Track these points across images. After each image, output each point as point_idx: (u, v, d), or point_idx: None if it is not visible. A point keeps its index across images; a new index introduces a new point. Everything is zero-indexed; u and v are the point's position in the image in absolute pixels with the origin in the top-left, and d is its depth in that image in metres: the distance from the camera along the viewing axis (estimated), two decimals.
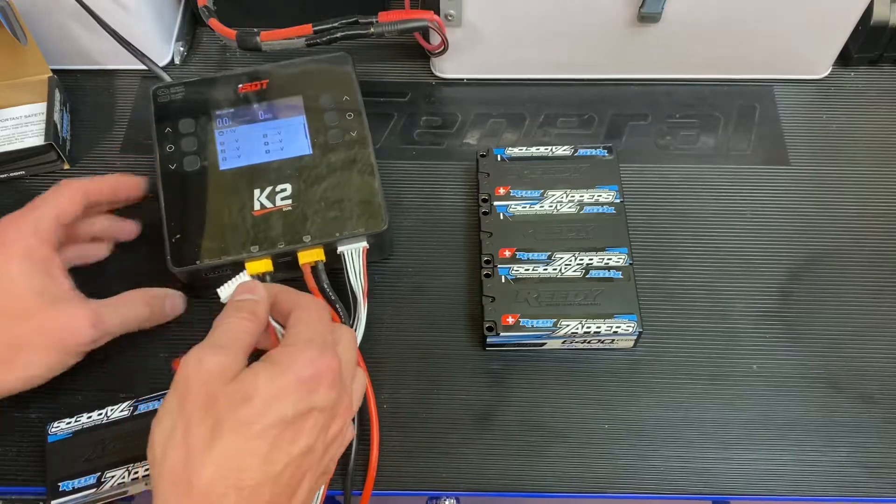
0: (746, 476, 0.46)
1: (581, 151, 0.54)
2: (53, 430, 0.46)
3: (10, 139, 0.56)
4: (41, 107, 0.57)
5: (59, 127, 0.56)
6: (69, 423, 0.46)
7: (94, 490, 0.44)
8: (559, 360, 0.50)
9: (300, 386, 0.36)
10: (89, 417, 0.46)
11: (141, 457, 0.44)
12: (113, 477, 0.44)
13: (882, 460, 0.47)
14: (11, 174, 0.56)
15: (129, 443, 0.45)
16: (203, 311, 0.51)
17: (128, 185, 0.50)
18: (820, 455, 0.47)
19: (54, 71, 0.58)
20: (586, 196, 0.52)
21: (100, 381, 0.49)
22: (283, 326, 0.40)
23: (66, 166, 0.57)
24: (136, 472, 0.44)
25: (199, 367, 0.35)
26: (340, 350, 0.39)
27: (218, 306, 0.41)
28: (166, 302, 0.49)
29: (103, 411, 0.47)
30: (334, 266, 0.49)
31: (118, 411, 0.47)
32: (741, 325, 0.51)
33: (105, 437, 0.46)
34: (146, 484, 0.44)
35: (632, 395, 0.49)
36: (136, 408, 0.47)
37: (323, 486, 0.43)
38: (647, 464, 0.47)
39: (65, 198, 0.46)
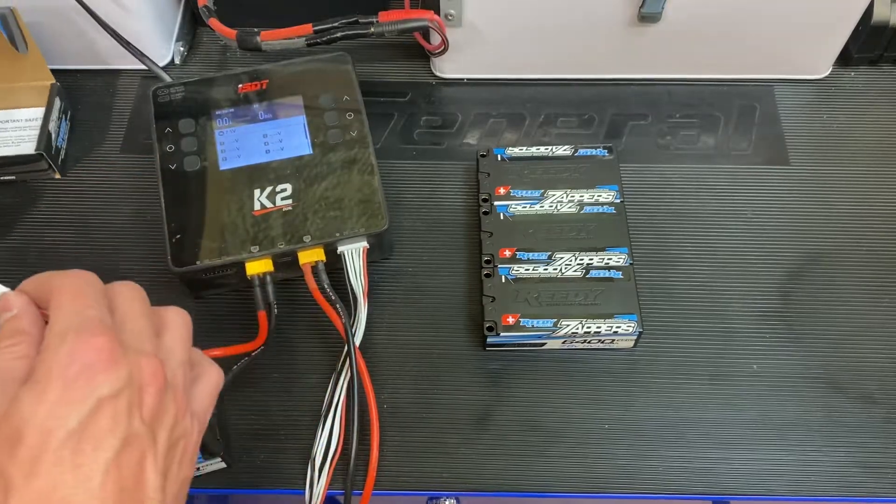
0: (746, 476, 0.46)
1: (581, 151, 0.54)
2: None
3: (8, 142, 0.56)
4: (42, 111, 0.57)
5: (54, 136, 0.56)
6: None
7: None
8: (559, 361, 0.50)
9: (70, 388, 0.30)
10: None
11: None
12: None
13: (882, 460, 0.47)
14: (2, 178, 0.56)
15: None
16: (203, 311, 0.51)
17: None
18: (820, 455, 0.47)
19: (54, 71, 0.58)
20: (586, 196, 0.52)
21: None
22: None
23: (57, 176, 0.57)
24: None
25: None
26: (121, 313, 0.34)
27: (219, 306, 0.41)
28: None
29: None
30: (334, 266, 0.49)
31: None
32: (741, 325, 0.51)
33: None
34: None
35: (632, 395, 0.49)
36: None
37: (196, 445, 0.36)
38: (646, 464, 0.47)
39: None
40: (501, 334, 0.48)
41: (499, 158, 0.54)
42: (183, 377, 0.35)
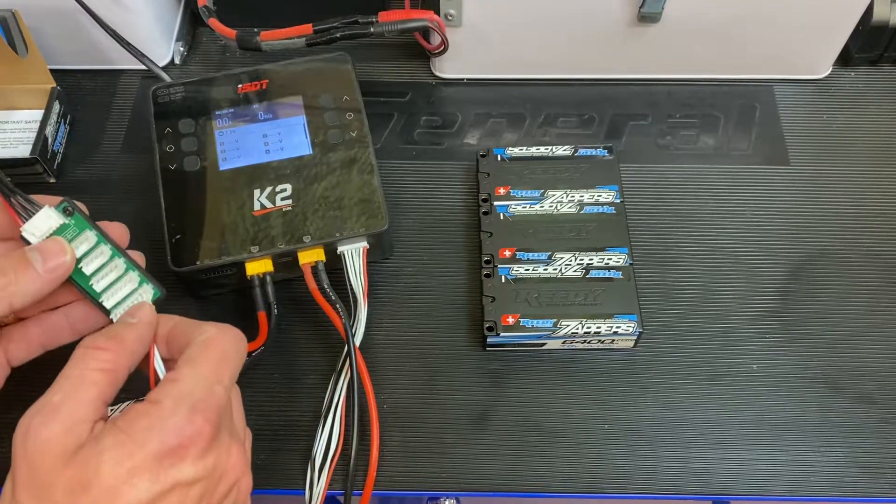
0: (744, 476, 0.46)
1: (581, 151, 0.54)
2: None
3: (6, 143, 0.56)
4: (41, 113, 0.57)
5: (50, 140, 0.56)
6: None
7: None
8: (559, 361, 0.50)
9: (157, 463, 0.29)
10: None
11: None
12: None
13: (880, 460, 0.47)
14: None
15: None
16: (203, 311, 0.51)
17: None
18: (818, 455, 0.47)
19: (54, 71, 0.58)
20: (586, 196, 0.52)
21: None
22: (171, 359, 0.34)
23: (52, 181, 0.57)
24: None
25: (26, 441, 0.28)
26: (227, 399, 0.32)
27: (219, 307, 0.41)
28: None
29: None
30: (334, 266, 0.49)
31: (117, 413, 0.46)
32: (740, 325, 0.51)
33: None
34: None
35: (631, 396, 0.49)
36: None
37: None
38: (645, 464, 0.47)
39: None
40: (501, 334, 0.48)
41: (499, 158, 0.54)
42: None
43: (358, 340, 0.48)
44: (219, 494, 0.32)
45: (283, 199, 0.49)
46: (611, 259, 0.50)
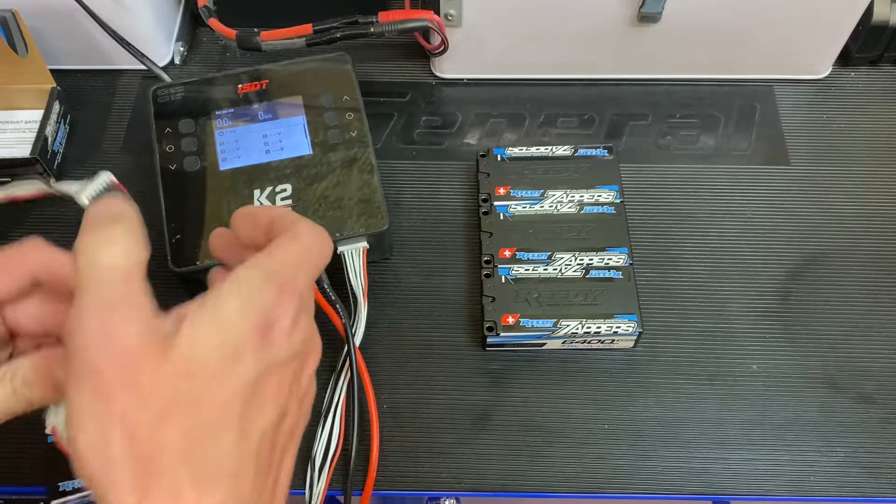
0: (745, 476, 0.46)
1: (581, 151, 0.54)
2: None
3: (6, 143, 0.56)
4: (41, 113, 0.57)
5: (50, 140, 0.56)
6: None
7: None
8: (559, 361, 0.50)
9: (253, 340, 0.27)
10: None
11: None
12: None
13: (880, 460, 0.47)
14: None
15: None
16: None
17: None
18: (818, 455, 0.47)
19: (54, 71, 0.58)
20: (586, 196, 0.52)
21: None
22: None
23: (52, 181, 0.57)
24: None
25: (110, 345, 0.25)
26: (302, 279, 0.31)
27: None
28: None
29: None
30: (334, 266, 0.49)
31: None
32: (740, 325, 0.51)
33: None
34: None
35: (631, 396, 0.49)
36: None
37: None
38: (645, 464, 0.47)
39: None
40: (501, 334, 0.48)
41: (499, 158, 0.54)
42: None
43: (358, 340, 0.48)
44: (304, 383, 0.31)
45: (283, 198, 0.49)
46: (611, 259, 0.50)
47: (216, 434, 0.26)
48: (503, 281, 0.49)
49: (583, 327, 0.47)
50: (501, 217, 0.52)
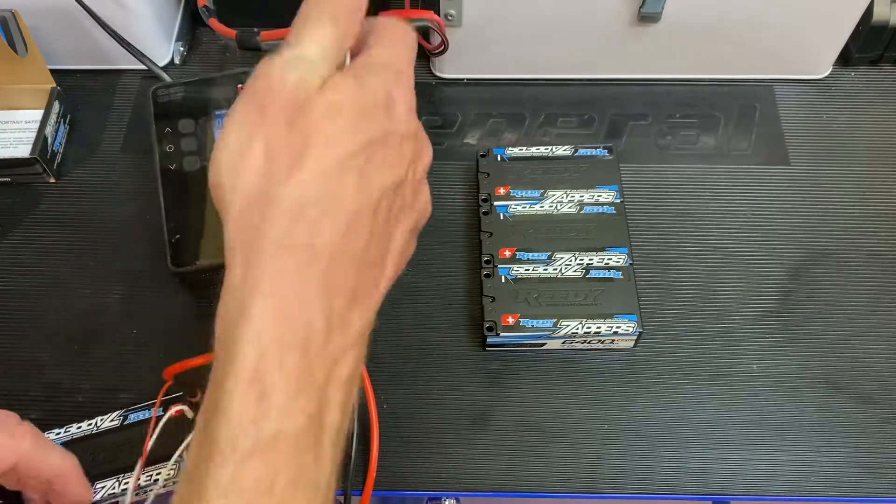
0: (744, 476, 0.46)
1: (581, 151, 0.54)
2: None
3: (6, 143, 0.56)
4: (41, 113, 0.57)
5: (50, 140, 0.56)
6: (59, 433, 0.46)
7: None
8: (559, 361, 0.50)
9: (382, 105, 0.30)
10: (79, 428, 0.46)
11: (130, 466, 0.43)
12: (104, 487, 0.44)
13: (880, 460, 0.47)
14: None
15: (119, 453, 0.45)
16: (203, 311, 0.51)
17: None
18: (818, 455, 0.47)
19: (54, 71, 0.58)
20: (586, 196, 0.52)
21: (99, 381, 0.49)
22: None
23: (52, 180, 0.57)
24: (127, 482, 0.43)
25: (284, 79, 0.29)
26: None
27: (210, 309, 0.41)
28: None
29: (93, 421, 0.46)
30: None
31: (108, 421, 0.46)
32: (740, 325, 0.51)
33: (95, 447, 0.45)
34: (136, 494, 0.44)
35: (631, 396, 0.49)
36: (126, 417, 0.46)
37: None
38: (645, 464, 0.47)
39: None
40: (501, 334, 0.48)
41: (499, 158, 0.54)
42: None
43: None
44: (420, 170, 0.33)
45: None
46: (611, 259, 0.50)
47: (343, 172, 0.29)
48: (503, 281, 0.49)
49: (583, 327, 0.47)
50: (501, 217, 0.52)
